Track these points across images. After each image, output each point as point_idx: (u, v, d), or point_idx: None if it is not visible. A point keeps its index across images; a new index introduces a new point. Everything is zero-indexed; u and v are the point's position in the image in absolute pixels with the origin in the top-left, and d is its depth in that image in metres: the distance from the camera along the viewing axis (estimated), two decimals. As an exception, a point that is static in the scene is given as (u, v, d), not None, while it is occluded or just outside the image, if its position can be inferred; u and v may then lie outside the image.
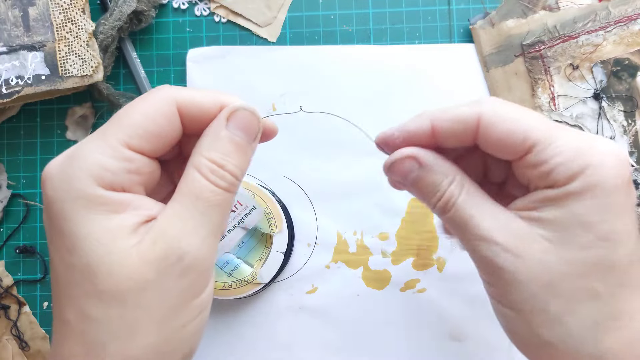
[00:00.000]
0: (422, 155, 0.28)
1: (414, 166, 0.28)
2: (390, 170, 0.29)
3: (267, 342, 0.45)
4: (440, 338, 0.45)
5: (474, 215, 0.27)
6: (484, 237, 0.26)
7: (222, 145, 0.26)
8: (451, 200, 0.27)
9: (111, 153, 0.24)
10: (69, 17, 0.43)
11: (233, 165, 0.26)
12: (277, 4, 0.47)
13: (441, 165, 0.28)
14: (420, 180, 0.28)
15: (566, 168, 0.25)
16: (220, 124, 0.26)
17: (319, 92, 0.46)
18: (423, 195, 0.29)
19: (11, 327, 0.46)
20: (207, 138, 0.26)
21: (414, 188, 0.29)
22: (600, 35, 0.44)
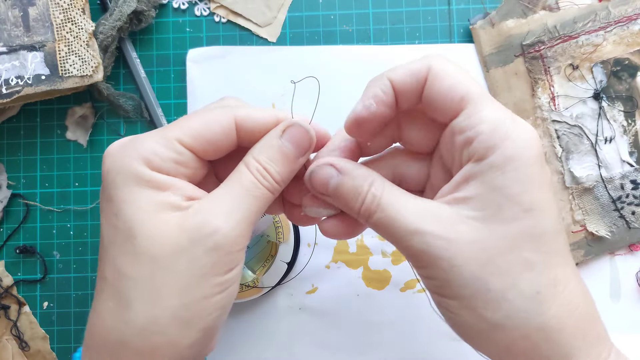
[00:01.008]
0: (339, 163, 0.29)
1: (333, 173, 0.29)
2: (311, 179, 0.30)
3: (267, 341, 0.45)
4: (440, 338, 0.45)
5: (399, 210, 0.27)
6: (414, 231, 0.27)
7: (271, 152, 0.29)
8: (374, 202, 0.28)
9: (164, 143, 0.28)
10: (69, 17, 0.43)
11: (276, 171, 0.29)
12: (277, 4, 0.47)
13: (359, 169, 0.29)
14: (341, 186, 0.29)
15: (486, 138, 0.26)
16: (275, 134, 0.30)
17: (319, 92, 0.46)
18: (346, 201, 0.29)
19: (11, 327, 0.46)
20: (261, 143, 0.30)
21: (336, 196, 0.29)
22: (600, 35, 0.44)
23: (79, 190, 0.47)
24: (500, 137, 0.26)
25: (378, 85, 0.30)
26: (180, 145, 0.28)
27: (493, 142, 0.26)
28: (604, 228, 0.44)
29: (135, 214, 0.27)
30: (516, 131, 0.26)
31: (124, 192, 0.27)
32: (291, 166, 0.30)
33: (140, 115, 0.47)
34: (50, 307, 0.46)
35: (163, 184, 0.27)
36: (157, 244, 0.26)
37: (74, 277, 0.46)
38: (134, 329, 0.26)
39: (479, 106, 0.27)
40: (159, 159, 0.27)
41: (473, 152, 0.27)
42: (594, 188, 0.44)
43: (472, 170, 0.27)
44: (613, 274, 0.45)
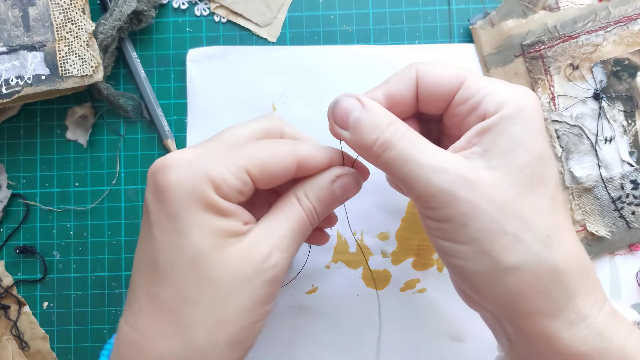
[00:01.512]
0: (365, 98, 0.30)
1: (357, 106, 0.30)
2: (334, 109, 0.30)
3: (267, 341, 0.45)
4: (440, 338, 0.45)
5: (424, 149, 0.28)
6: (438, 168, 0.27)
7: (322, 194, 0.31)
8: (396, 136, 0.28)
9: (234, 170, 0.28)
10: (69, 17, 0.43)
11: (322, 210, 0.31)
12: (277, 4, 0.47)
13: (383, 109, 0.30)
14: (362, 119, 0.29)
15: (494, 97, 0.28)
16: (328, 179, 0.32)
17: (319, 92, 0.46)
18: (363, 134, 0.29)
19: (11, 327, 0.46)
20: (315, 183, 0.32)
21: (354, 129, 0.30)
22: (600, 35, 0.44)
23: (79, 190, 0.47)
24: (505, 94, 0.28)
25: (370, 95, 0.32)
26: (247, 176, 0.29)
27: (500, 99, 0.28)
28: (604, 228, 0.44)
29: (203, 239, 0.27)
30: (517, 90, 0.29)
31: (193, 215, 0.27)
32: (334, 207, 0.32)
33: (140, 115, 0.47)
34: (50, 307, 0.46)
35: (227, 210, 0.28)
36: (224, 271, 0.27)
37: (74, 277, 0.46)
38: (193, 353, 0.27)
39: (474, 78, 0.30)
40: (227, 186, 0.28)
41: (482, 112, 0.29)
42: (594, 188, 0.44)
43: (483, 126, 0.28)
44: (613, 274, 0.45)
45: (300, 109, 0.46)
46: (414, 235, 0.45)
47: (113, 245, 0.46)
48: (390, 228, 0.45)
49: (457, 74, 0.30)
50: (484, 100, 0.29)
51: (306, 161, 0.31)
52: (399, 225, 0.45)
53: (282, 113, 0.46)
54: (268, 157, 0.29)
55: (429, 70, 0.31)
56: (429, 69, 0.31)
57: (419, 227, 0.45)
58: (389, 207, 0.45)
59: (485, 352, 0.44)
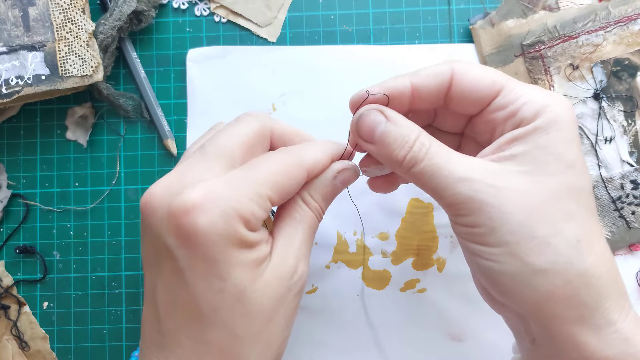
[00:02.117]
0: (388, 111, 0.30)
1: (382, 119, 0.30)
2: (359, 124, 0.31)
3: (267, 342, 0.45)
4: (440, 338, 0.45)
5: (448, 159, 0.29)
6: (463, 178, 0.28)
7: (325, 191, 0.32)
8: (422, 150, 0.29)
9: (260, 203, 0.28)
10: (69, 17, 0.43)
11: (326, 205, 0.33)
12: (277, 4, 0.47)
13: (407, 121, 0.30)
14: (388, 134, 0.30)
15: (531, 106, 0.29)
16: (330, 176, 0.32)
17: (319, 92, 0.46)
18: (390, 149, 0.30)
19: (11, 327, 0.46)
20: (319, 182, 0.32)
21: (381, 144, 0.30)
22: (600, 35, 0.44)
23: (79, 190, 0.47)
24: (542, 104, 0.29)
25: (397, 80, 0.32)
26: (269, 202, 0.29)
27: (537, 108, 0.29)
28: (604, 228, 0.44)
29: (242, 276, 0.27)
30: (554, 99, 0.29)
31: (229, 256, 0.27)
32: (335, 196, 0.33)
33: (140, 115, 0.47)
34: (50, 307, 0.46)
35: (257, 241, 0.28)
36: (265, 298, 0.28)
37: (74, 277, 0.46)
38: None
39: (512, 85, 0.30)
40: (255, 219, 0.28)
41: (519, 120, 0.29)
42: (594, 188, 0.44)
43: (515, 134, 0.29)
44: (613, 274, 0.45)
45: (300, 109, 0.46)
46: (414, 235, 0.45)
47: (113, 245, 0.46)
48: (390, 228, 0.45)
49: (495, 81, 0.30)
50: (521, 108, 0.29)
51: (314, 168, 0.31)
52: (399, 225, 0.45)
53: (282, 113, 0.46)
54: (284, 179, 0.29)
55: (467, 72, 0.31)
56: (467, 70, 0.31)
57: (419, 227, 0.45)
58: (389, 207, 0.45)
59: (485, 352, 0.44)
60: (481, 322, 0.44)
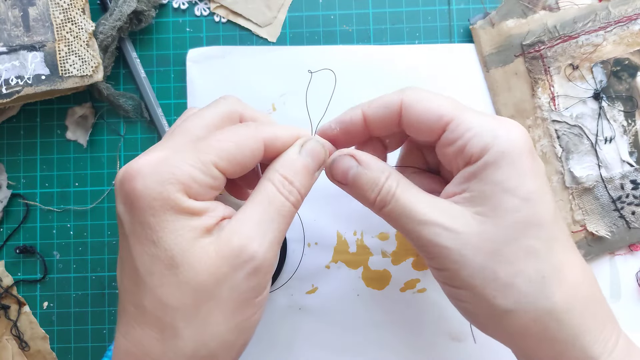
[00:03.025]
0: (359, 155, 0.31)
1: (353, 163, 0.31)
2: (332, 168, 0.32)
3: (267, 342, 0.45)
4: (440, 338, 0.45)
5: (412, 202, 0.29)
6: (425, 221, 0.28)
7: (294, 166, 0.30)
8: (390, 193, 0.29)
9: (202, 168, 0.27)
10: (69, 17, 0.43)
11: (300, 183, 0.30)
12: (277, 4, 0.47)
13: (377, 163, 0.31)
14: (360, 177, 0.31)
15: (479, 140, 0.28)
16: (295, 150, 0.31)
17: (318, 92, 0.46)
18: (363, 191, 0.31)
19: (11, 327, 0.46)
20: (282, 159, 0.31)
21: (354, 186, 0.31)
22: (600, 35, 0.44)
23: (79, 190, 0.47)
24: (490, 137, 0.28)
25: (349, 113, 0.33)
26: (216, 170, 0.28)
27: (484, 143, 0.28)
28: (604, 228, 0.44)
29: (176, 243, 0.27)
30: (503, 129, 0.28)
31: (163, 221, 0.27)
32: (311, 179, 0.31)
33: (140, 115, 0.47)
34: (50, 307, 0.46)
35: (199, 210, 0.27)
36: (200, 272, 0.27)
37: (74, 277, 0.46)
38: (184, 356, 0.27)
39: (460, 117, 0.29)
40: (197, 185, 0.27)
41: (467, 156, 0.29)
42: (594, 188, 0.44)
43: (469, 171, 0.29)
44: (613, 274, 0.45)
45: (300, 109, 0.46)
46: (414, 235, 0.45)
47: (113, 245, 0.46)
48: (390, 228, 0.45)
49: (442, 115, 0.29)
50: (468, 144, 0.29)
51: (272, 142, 0.30)
52: (399, 225, 0.45)
53: (282, 113, 0.46)
54: (233, 147, 0.29)
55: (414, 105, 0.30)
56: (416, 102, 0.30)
57: (419, 227, 0.45)
58: (389, 207, 0.45)
59: (485, 352, 0.44)
60: (481, 322, 0.44)
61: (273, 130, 0.31)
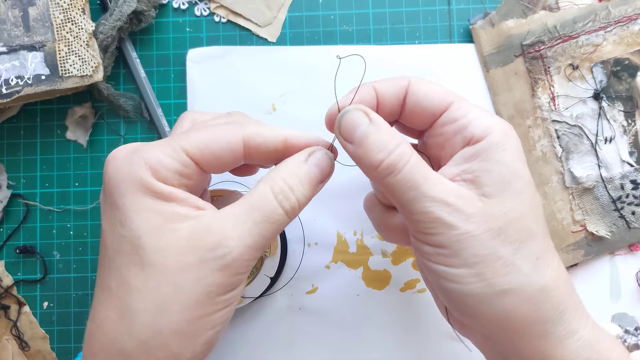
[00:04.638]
0: (372, 113, 0.30)
1: (365, 120, 0.29)
2: (342, 120, 0.30)
3: (267, 342, 0.45)
4: (440, 338, 0.45)
5: (428, 177, 0.28)
6: (439, 199, 0.28)
7: (298, 173, 0.29)
8: (402, 161, 0.28)
9: (171, 153, 0.28)
10: (69, 17, 0.43)
11: (302, 194, 0.29)
12: (277, 4, 0.47)
13: (389, 127, 0.30)
14: (369, 135, 0.29)
15: (481, 122, 0.29)
16: (301, 157, 0.30)
17: (318, 92, 0.46)
18: (368, 151, 0.29)
19: (11, 327, 0.46)
20: (286, 164, 0.30)
21: (361, 145, 0.29)
22: (600, 35, 0.44)
23: (79, 190, 0.47)
24: (490, 121, 0.29)
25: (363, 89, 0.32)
26: (186, 156, 0.28)
27: (486, 124, 0.29)
28: (604, 228, 0.44)
29: (143, 224, 0.26)
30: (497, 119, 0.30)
31: (130, 201, 0.27)
32: (313, 191, 0.30)
33: (140, 115, 0.47)
34: (50, 307, 0.46)
35: (168, 194, 0.27)
36: (166, 257, 0.26)
37: (74, 277, 0.46)
38: (137, 341, 0.26)
39: (461, 102, 0.31)
40: (165, 169, 0.27)
41: (469, 134, 0.29)
42: (594, 188, 0.44)
43: (471, 151, 0.29)
44: (613, 274, 0.45)
45: (300, 109, 0.46)
46: (414, 235, 0.45)
47: (113, 245, 0.46)
48: (390, 228, 0.45)
49: (446, 95, 0.31)
50: (471, 123, 0.29)
51: (254, 138, 0.29)
52: (399, 225, 0.45)
53: (282, 113, 0.46)
54: (208, 137, 0.28)
55: (421, 84, 0.32)
56: (421, 82, 0.32)
57: (419, 227, 0.45)
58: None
59: (485, 352, 0.44)
60: (481, 322, 0.44)
61: (256, 128, 0.30)
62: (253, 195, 0.28)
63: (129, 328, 0.26)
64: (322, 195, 0.45)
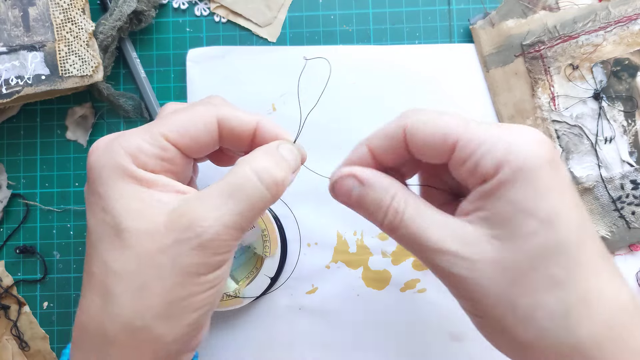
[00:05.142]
0: (360, 173, 0.29)
1: (355, 184, 0.29)
2: (334, 191, 0.30)
3: (267, 342, 0.45)
4: (440, 338, 0.44)
5: (423, 227, 0.27)
6: (437, 249, 0.26)
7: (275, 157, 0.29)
8: (397, 217, 0.28)
9: (149, 139, 0.28)
10: (69, 17, 0.43)
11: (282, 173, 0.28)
12: (277, 4, 0.47)
13: (381, 181, 0.29)
14: (363, 197, 0.29)
15: (491, 157, 0.26)
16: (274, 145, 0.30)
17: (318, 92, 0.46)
18: (369, 213, 0.29)
19: (11, 327, 0.46)
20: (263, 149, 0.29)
21: (360, 208, 0.29)
22: (600, 35, 0.44)
23: (79, 190, 0.47)
24: (503, 152, 0.25)
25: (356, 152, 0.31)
26: (165, 141, 0.28)
27: (497, 160, 0.25)
28: (604, 228, 0.44)
29: (123, 209, 0.27)
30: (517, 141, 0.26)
31: (111, 187, 0.27)
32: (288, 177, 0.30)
33: (140, 115, 0.47)
34: (50, 307, 0.46)
35: (148, 180, 0.28)
36: (143, 241, 0.26)
37: (74, 277, 0.46)
38: (119, 323, 0.26)
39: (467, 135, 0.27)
40: (144, 155, 0.28)
41: (481, 176, 0.26)
42: (594, 188, 0.44)
43: (484, 189, 0.26)
44: (613, 274, 0.45)
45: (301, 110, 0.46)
46: (414, 235, 0.45)
47: (113, 245, 0.46)
48: (390, 228, 0.45)
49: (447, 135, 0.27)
50: (480, 163, 0.26)
51: (229, 120, 0.30)
52: (399, 225, 0.45)
53: (282, 113, 0.46)
54: (184, 120, 0.29)
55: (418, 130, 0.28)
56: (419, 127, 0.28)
57: (419, 227, 0.45)
58: (389, 207, 0.45)
59: (485, 352, 0.44)
60: (481, 322, 0.44)
61: (230, 110, 0.31)
62: (232, 175, 0.28)
63: (111, 311, 0.26)
64: (322, 195, 0.45)
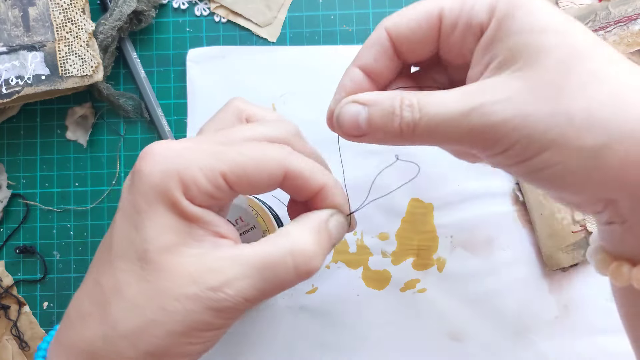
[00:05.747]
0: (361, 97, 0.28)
1: (359, 108, 0.28)
2: (340, 124, 0.28)
3: (267, 342, 0.45)
4: (440, 338, 0.44)
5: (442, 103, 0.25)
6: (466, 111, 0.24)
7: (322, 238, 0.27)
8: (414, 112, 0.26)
9: (209, 174, 0.26)
10: (69, 17, 0.43)
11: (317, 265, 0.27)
12: (277, 4, 0.47)
13: (383, 94, 0.27)
14: (372, 116, 0.27)
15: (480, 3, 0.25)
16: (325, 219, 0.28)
17: (318, 92, 0.46)
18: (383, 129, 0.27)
19: (11, 327, 0.46)
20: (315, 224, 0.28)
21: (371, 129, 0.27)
22: (600, 35, 0.44)
23: (79, 190, 0.47)
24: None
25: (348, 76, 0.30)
26: (222, 180, 0.26)
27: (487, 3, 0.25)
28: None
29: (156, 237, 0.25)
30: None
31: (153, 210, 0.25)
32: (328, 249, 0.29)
33: (140, 115, 0.47)
34: (50, 307, 0.46)
35: (192, 216, 0.26)
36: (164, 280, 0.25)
37: (74, 277, 0.46)
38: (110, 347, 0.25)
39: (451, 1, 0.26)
40: (197, 189, 0.25)
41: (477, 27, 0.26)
42: (594, 188, 0.44)
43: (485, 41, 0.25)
44: (613, 274, 0.45)
45: (300, 109, 0.46)
46: (414, 236, 0.45)
47: (113, 245, 0.46)
48: (390, 228, 0.45)
49: (430, 12, 0.26)
50: (471, 15, 0.25)
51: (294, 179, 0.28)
52: (399, 225, 0.45)
53: (282, 113, 0.46)
54: (252, 165, 0.27)
55: (400, 21, 0.27)
56: (400, 20, 0.27)
57: (419, 227, 0.45)
58: (388, 207, 0.45)
59: (485, 352, 0.44)
60: (481, 322, 0.44)
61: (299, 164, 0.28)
62: (270, 246, 0.26)
63: (107, 333, 0.25)
64: (322, 195, 0.45)
